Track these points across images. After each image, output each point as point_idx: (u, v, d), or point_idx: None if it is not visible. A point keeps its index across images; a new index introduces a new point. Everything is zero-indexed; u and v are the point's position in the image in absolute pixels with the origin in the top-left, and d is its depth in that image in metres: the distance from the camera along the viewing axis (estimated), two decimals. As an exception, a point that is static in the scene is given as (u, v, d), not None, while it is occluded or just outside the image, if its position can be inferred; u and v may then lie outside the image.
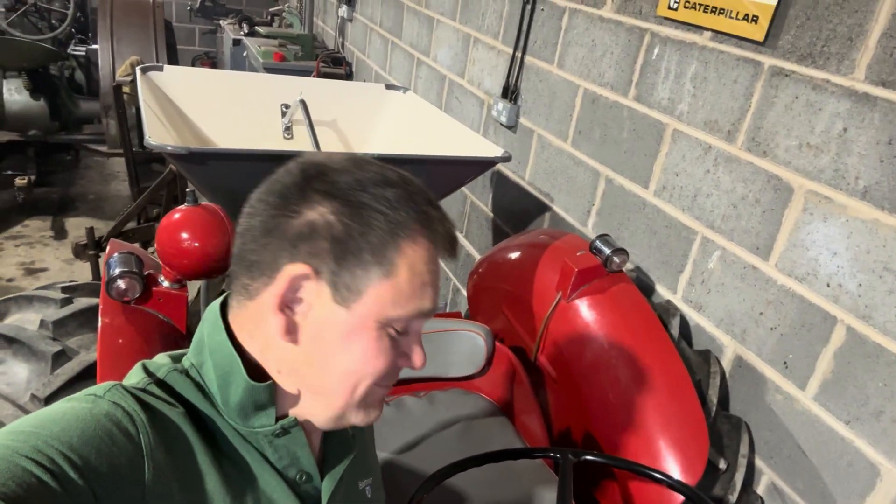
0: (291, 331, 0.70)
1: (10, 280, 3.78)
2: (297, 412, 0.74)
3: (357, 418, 0.75)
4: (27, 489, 0.52)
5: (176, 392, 0.71)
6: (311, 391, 0.73)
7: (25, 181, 4.22)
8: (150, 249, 3.59)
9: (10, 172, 4.41)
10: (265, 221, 0.69)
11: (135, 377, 0.71)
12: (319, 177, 0.69)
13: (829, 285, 1.45)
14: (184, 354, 0.77)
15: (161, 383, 0.71)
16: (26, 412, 1.24)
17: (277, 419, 0.73)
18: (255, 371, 0.72)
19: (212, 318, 0.75)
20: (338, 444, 0.83)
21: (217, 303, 0.77)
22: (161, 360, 0.75)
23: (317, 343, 0.70)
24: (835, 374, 1.44)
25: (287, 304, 0.69)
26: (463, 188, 2.98)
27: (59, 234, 4.35)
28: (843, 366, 1.42)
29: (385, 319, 0.70)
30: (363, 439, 0.94)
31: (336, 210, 0.68)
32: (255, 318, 0.72)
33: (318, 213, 0.68)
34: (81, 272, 3.88)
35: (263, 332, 0.71)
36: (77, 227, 4.37)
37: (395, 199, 0.69)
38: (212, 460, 0.69)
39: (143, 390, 0.69)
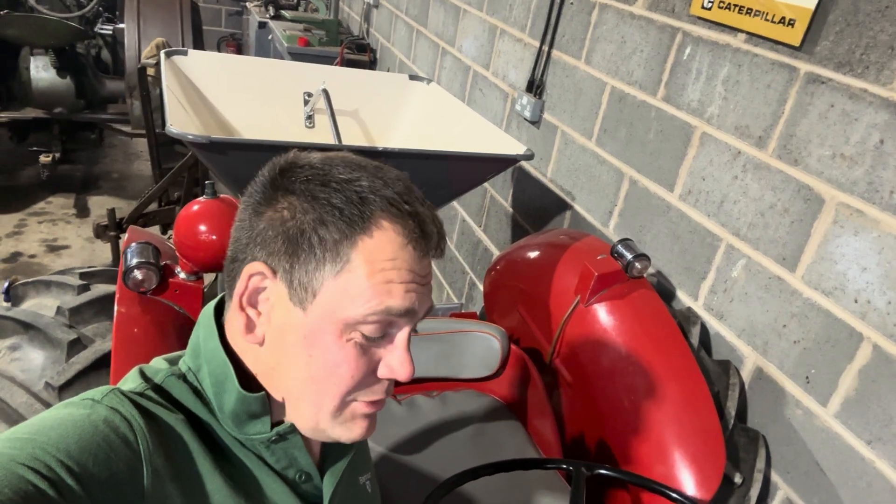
0: (251, 329, 0.69)
1: (32, 256, 3.83)
2: (287, 417, 0.73)
3: (337, 433, 0.71)
4: (24, 497, 0.51)
5: (173, 397, 0.70)
6: (287, 397, 0.71)
7: (50, 158, 4.26)
8: (170, 233, 3.61)
9: (35, 149, 4.45)
10: (242, 220, 0.70)
11: (132, 382, 0.70)
12: (285, 173, 0.68)
13: (856, 301, 1.41)
14: (180, 357, 0.76)
15: (158, 388, 0.70)
16: (40, 400, 1.25)
17: (274, 425, 0.71)
18: (249, 379, 0.71)
19: (206, 323, 0.74)
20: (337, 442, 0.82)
21: (212, 306, 0.76)
22: (158, 365, 0.74)
23: (279, 346, 0.69)
24: (858, 392, 1.40)
25: (251, 304, 0.69)
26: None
27: (82, 212, 4.40)
28: (867, 384, 1.39)
29: (343, 322, 0.65)
30: None
31: (292, 205, 0.66)
32: (233, 319, 0.72)
33: (278, 209, 0.67)
34: (102, 251, 3.91)
35: (238, 333, 0.71)
36: (99, 205, 4.41)
37: (358, 193, 0.65)
38: (212, 465, 0.68)
39: (141, 395, 0.68)
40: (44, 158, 4.24)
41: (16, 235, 3.99)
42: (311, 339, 0.66)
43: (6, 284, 1.73)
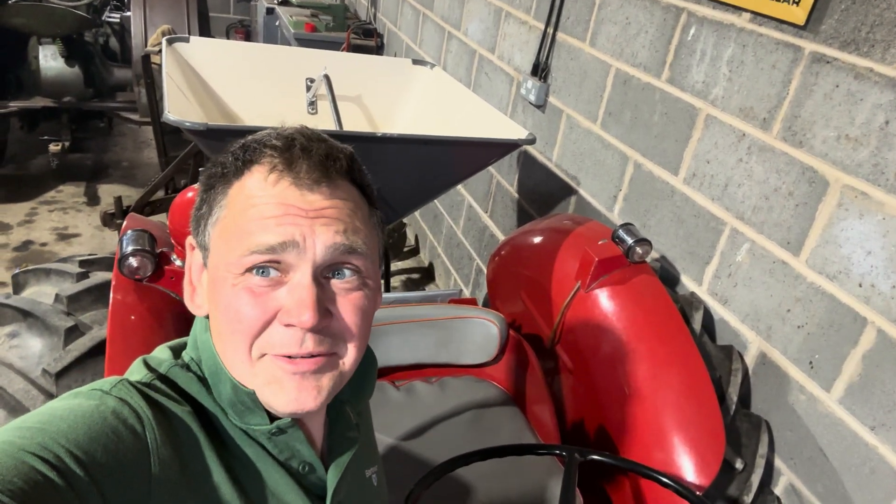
0: (191, 297, 0.74)
1: (43, 244, 3.85)
2: None
3: (268, 398, 0.67)
4: (33, 486, 0.51)
5: (180, 388, 0.70)
6: None
7: (59, 147, 4.26)
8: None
9: (44, 138, 4.47)
10: None
11: (137, 374, 0.70)
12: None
13: (861, 285, 1.38)
14: (182, 346, 0.76)
15: (164, 379, 0.70)
16: (37, 386, 1.25)
17: (274, 418, 0.71)
18: None
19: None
20: (342, 433, 0.81)
21: None
22: (161, 355, 0.74)
23: (210, 310, 0.71)
24: (862, 377, 1.38)
25: (199, 279, 0.73)
26: (489, 167, 2.93)
27: (92, 200, 4.41)
28: (871, 369, 1.37)
29: (225, 267, 0.66)
30: (367, 427, 0.92)
31: (202, 181, 0.72)
32: None
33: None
34: (112, 239, 3.93)
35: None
36: (110, 193, 4.43)
37: (244, 146, 0.69)
38: (217, 456, 0.68)
39: (149, 385, 0.68)
40: (53, 147, 4.25)
41: (27, 224, 4.02)
42: (212, 292, 0.69)
43: (16, 272, 1.75)
